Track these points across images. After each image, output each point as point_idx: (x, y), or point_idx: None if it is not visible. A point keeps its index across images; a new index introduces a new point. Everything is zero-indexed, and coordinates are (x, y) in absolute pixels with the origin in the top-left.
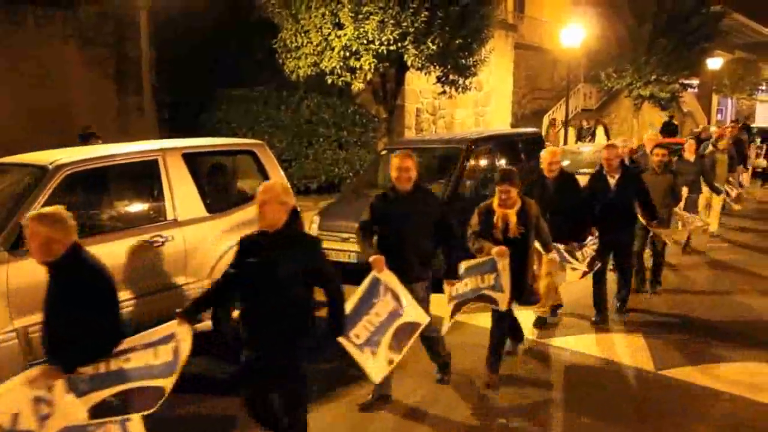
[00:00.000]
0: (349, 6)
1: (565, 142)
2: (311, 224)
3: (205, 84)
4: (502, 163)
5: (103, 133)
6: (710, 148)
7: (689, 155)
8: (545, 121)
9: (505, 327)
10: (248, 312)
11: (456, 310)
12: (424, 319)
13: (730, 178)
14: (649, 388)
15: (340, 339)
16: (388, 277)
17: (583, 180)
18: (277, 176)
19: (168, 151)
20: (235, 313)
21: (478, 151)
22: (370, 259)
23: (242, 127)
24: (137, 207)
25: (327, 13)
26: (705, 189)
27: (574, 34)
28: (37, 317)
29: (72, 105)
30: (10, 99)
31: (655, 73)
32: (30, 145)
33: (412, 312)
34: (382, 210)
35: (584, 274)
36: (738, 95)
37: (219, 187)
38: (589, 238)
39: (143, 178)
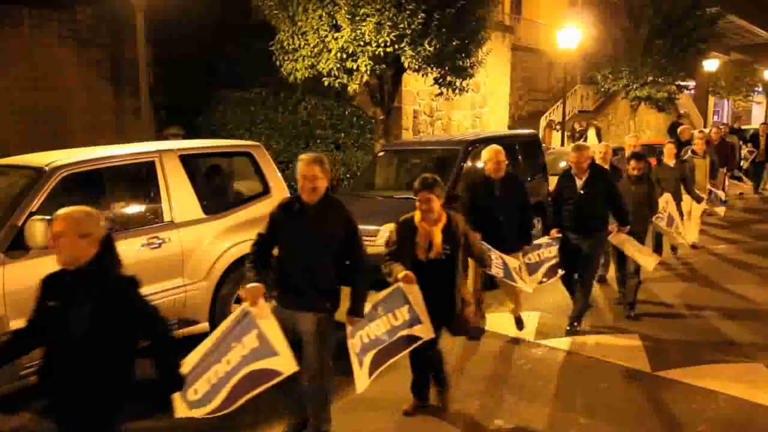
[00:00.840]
0: (346, 8)
1: (563, 143)
2: None
3: (202, 85)
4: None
5: (96, 135)
6: (689, 152)
7: (668, 160)
8: (542, 122)
9: (431, 355)
10: (47, 374)
11: (375, 366)
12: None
13: (709, 186)
14: (645, 389)
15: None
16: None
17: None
18: (275, 178)
19: (165, 152)
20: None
21: (475, 152)
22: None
23: (239, 128)
24: (134, 209)
25: (324, 14)
26: (686, 196)
27: (571, 36)
28: None
29: (68, 106)
30: (5, 100)
31: (651, 74)
32: (26, 146)
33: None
34: (281, 222)
35: (542, 281)
36: (734, 97)
37: (216, 189)
38: (545, 239)
39: (140, 179)
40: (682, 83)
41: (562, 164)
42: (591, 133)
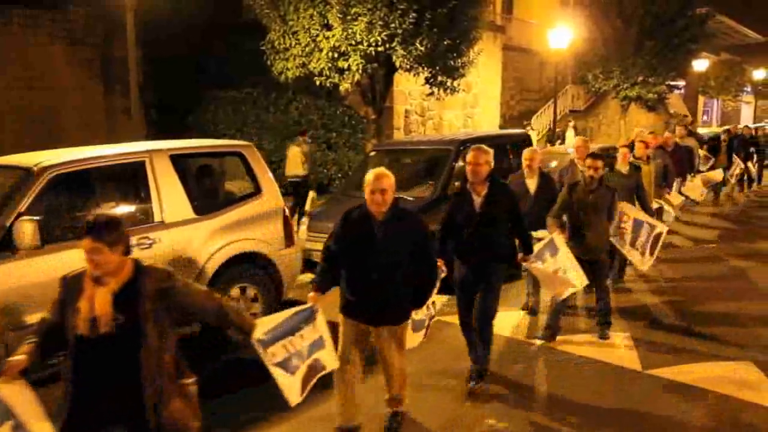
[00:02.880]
0: (338, 7)
1: (553, 143)
2: (301, 225)
3: (193, 85)
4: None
5: (89, 135)
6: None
7: (622, 166)
8: (533, 122)
9: None
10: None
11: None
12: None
13: (667, 194)
14: (636, 388)
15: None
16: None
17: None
18: (266, 178)
19: (155, 152)
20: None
21: (466, 152)
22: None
23: (230, 128)
24: (124, 209)
25: (315, 14)
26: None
27: (562, 36)
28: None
29: (61, 105)
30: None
31: (641, 74)
32: (21, 146)
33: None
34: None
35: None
36: (723, 96)
37: (207, 189)
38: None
39: (130, 179)
40: (673, 83)
41: (553, 164)
42: (569, 133)
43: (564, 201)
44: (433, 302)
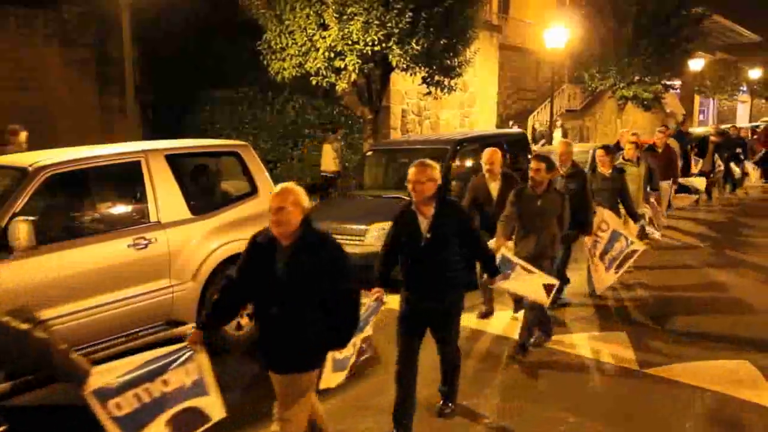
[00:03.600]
0: (334, 7)
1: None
2: None
3: (189, 85)
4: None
5: (84, 135)
6: (619, 159)
7: (603, 168)
8: (530, 121)
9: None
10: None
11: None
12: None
13: (652, 199)
14: (634, 387)
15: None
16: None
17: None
18: (262, 177)
19: (151, 152)
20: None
21: (463, 151)
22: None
23: (227, 128)
24: (120, 209)
25: (311, 13)
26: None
27: (558, 36)
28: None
29: (54, 106)
30: None
31: (638, 74)
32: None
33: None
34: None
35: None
36: (719, 96)
37: (203, 189)
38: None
39: (126, 179)
40: (669, 83)
41: None
42: (557, 133)
43: (511, 206)
44: (367, 338)
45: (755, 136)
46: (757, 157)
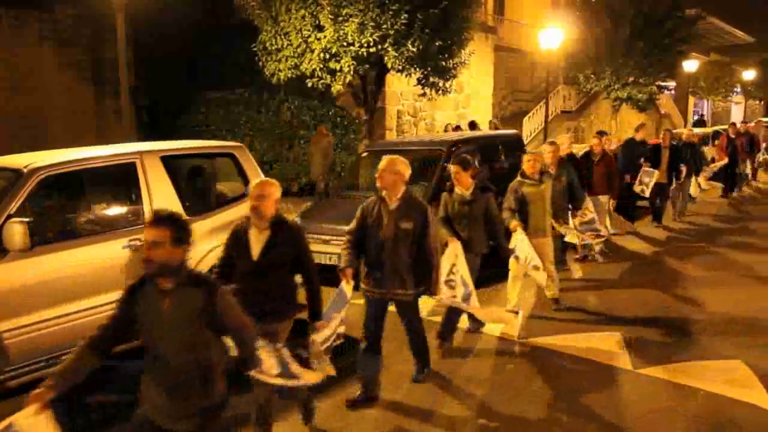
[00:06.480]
0: (329, 8)
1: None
2: None
3: (184, 86)
4: (483, 164)
5: (79, 136)
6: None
7: (461, 188)
8: (525, 123)
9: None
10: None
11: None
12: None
13: (574, 221)
14: (627, 387)
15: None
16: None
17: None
18: (257, 178)
19: (146, 153)
20: None
21: (459, 152)
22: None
23: (222, 129)
24: (115, 210)
25: (307, 15)
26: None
27: (553, 37)
28: (16, 321)
29: (48, 107)
30: None
31: (632, 75)
32: (6, 148)
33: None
34: None
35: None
36: (713, 97)
37: (198, 190)
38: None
39: (121, 181)
40: (663, 84)
41: None
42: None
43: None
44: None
45: (716, 142)
46: (716, 168)
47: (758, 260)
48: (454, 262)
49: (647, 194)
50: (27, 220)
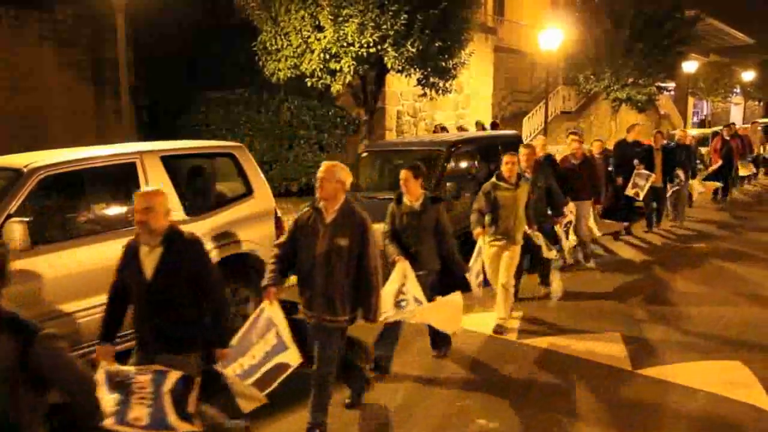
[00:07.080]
0: (329, 8)
1: None
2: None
3: (184, 86)
4: (483, 165)
5: (79, 136)
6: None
7: (409, 198)
8: (525, 123)
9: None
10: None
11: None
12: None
13: (557, 228)
14: (626, 387)
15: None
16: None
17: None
18: (257, 179)
19: (146, 153)
20: None
21: (458, 153)
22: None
23: (222, 129)
24: (115, 210)
25: (306, 15)
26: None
27: (553, 38)
28: None
29: (48, 107)
30: None
31: (632, 76)
32: (6, 148)
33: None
34: None
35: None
36: (713, 98)
37: (198, 190)
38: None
39: (121, 180)
40: (663, 85)
41: None
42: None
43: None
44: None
45: (713, 145)
46: (711, 170)
47: (754, 266)
48: (403, 282)
49: (641, 197)
50: (27, 219)
